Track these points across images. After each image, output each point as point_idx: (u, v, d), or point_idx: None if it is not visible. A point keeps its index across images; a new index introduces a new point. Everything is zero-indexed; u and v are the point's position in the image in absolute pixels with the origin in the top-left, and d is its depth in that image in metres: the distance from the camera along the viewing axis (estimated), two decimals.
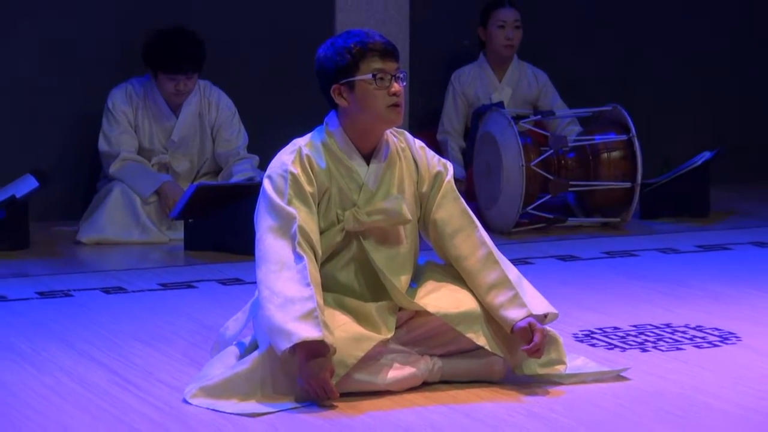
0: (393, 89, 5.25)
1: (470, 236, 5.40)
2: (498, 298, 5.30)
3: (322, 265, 5.33)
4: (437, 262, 5.55)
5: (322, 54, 5.37)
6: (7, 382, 5.48)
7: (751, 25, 9.77)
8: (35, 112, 8.50)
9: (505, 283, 5.31)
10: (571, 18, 9.34)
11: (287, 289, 5.10)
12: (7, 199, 7.81)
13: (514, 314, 5.25)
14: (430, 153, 5.49)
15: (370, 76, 5.24)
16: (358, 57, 5.25)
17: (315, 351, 5.03)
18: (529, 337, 5.18)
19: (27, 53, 8.45)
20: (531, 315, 5.23)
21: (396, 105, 5.26)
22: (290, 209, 5.21)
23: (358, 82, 5.26)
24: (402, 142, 5.46)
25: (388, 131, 5.40)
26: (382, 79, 5.25)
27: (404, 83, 5.33)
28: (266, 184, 5.30)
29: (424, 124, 8.88)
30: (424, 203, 5.45)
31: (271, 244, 5.22)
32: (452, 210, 5.42)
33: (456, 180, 5.59)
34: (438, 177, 5.44)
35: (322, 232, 5.32)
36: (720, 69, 9.71)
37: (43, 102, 8.50)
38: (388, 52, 5.29)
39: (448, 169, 5.47)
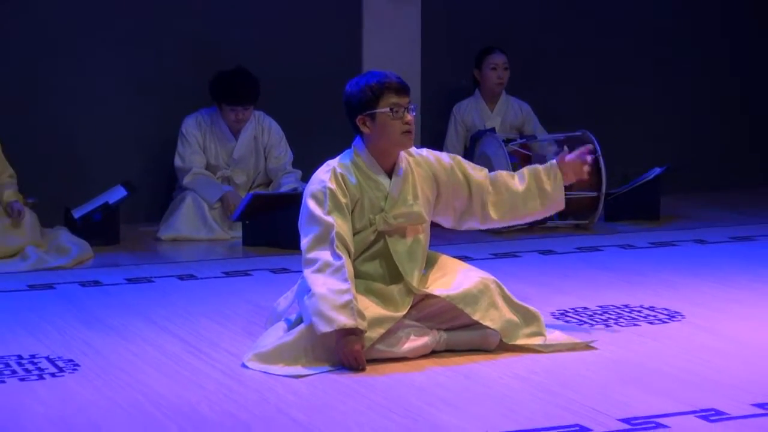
0: (406, 119, 5.32)
1: (502, 173, 5.66)
2: (535, 176, 5.72)
3: (355, 258, 5.36)
4: (444, 254, 5.58)
5: (349, 90, 5.42)
6: (102, 350, 5.50)
7: (695, 69, 9.73)
8: (125, 135, 8.50)
9: (534, 169, 5.71)
10: (548, 58, 9.31)
11: (329, 283, 5.16)
12: (102, 205, 7.83)
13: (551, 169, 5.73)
14: (436, 152, 5.62)
15: (387, 109, 5.30)
16: (378, 94, 5.31)
17: (349, 332, 5.10)
18: (580, 162, 5.76)
19: (119, 89, 8.45)
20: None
21: (408, 132, 5.34)
22: (329, 219, 5.26)
23: (378, 114, 5.30)
24: (411, 156, 5.50)
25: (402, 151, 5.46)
26: (397, 111, 5.31)
27: (415, 114, 5.40)
28: (308, 199, 5.36)
29: (432, 145, 8.85)
30: (442, 191, 5.53)
31: (315, 248, 5.28)
32: (479, 173, 5.62)
33: None
34: (455, 165, 5.59)
35: (357, 233, 5.39)
36: (673, 101, 9.66)
37: (130, 127, 8.50)
38: (402, 89, 5.36)
39: (456, 156, 5.66)
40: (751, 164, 9.90)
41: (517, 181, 5.63)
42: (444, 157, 5.58)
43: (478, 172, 5.59)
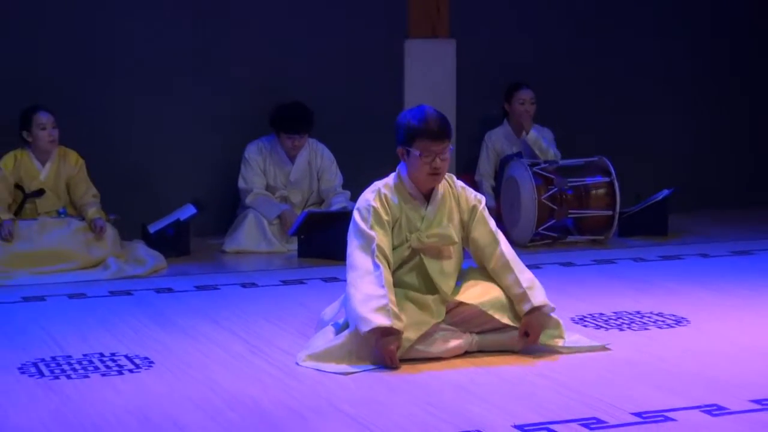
0: (434, 165, 5.30)
1: (494, 250, 5.46)
2: (512, 293, 5.38)
3: (395, 271, 5.39)
4: (475, 267, 5.58)
5: (398, 121, 5.44)
6: (174, 349, 5.53)
7: (703, 102, 9.70)
8: (195, 159, 8.52)
9: (516, 283, 5.37)
10: (569, 91, 9.29)
11: (368, 289, 5.17)
12: (174, 221, 7.86)
13: (523, 307, 5.34)
14: (469, 190, 5.53)
15: (418, 153, 5.27)
16: (414, 136, 5.30)
17: (386, 333, 5.12)
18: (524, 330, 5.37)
19: (191, 119, 8.48)
20: (532, 306, 5.32)
21: (434, 174, 5.32)
22: (371, 232, 5.27)
23: (411, 152, 5.30)
24: (450, 184, 5.48)
25: None
26: (427, 156, 5.28)
27: (448, 156, 5.35)
28: (355, 215, 5.37)
29: (467, 168, 8.87)
30: (465, 227, 5.49)
31: (358, 257, 5.28)
32: (483, 231, 5.48)
33: (489, 208, 5.62)
34: (474, 208, 5.49)
35: (395, 248, 5.39)
36: (680, 130, 9.63)
37: (200, 153, 8.53)
38: (439, 136, 5.31)
39: (480, 201, 5.52)
40: (750, 186, 9.85)
41: (507, 278, 5.41)
42: (472, 197, 5.53)
43: (485, 233, 5.47)
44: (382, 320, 5.11)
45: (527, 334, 5.35)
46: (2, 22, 8.04)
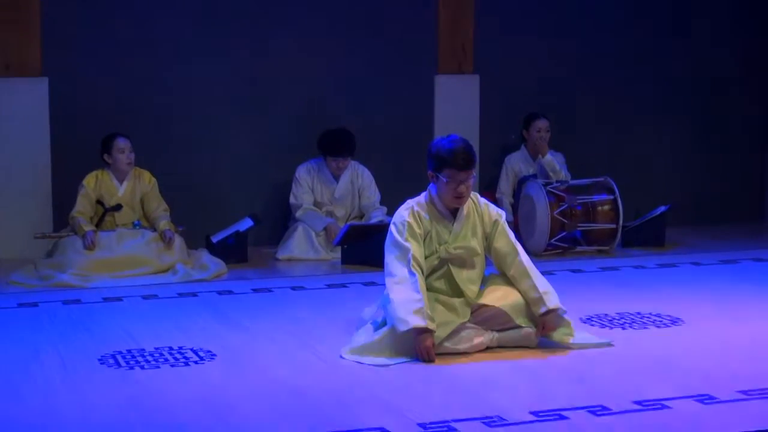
0: (459, 190, 5.31)
1: (514, 259, 5.46)
2: (529, 296, 5.38)
3: (426, 277, 5.39)
4: (496, 273, 5.57)
5: (430, 147, 5.47)
6: (233, 343, 5.54)
7: (697, 130, 9.68)
8: (252, 178, 8.55)
9: (533, 288, 5.38)
10: (579, 118, 9.28)
11: (405, 294, 5.19)
12: (234, 232, 7.89)
13: (539, 309, 5.35)
14: (492, 207, 5.54)
15: (446, 179, 5.28)
16: (443, 164, 5.31)
17: (421, 332, 5.13)
18: (540, 327, 5.36)
19: (249, 143, 8.51)
20: (547, 308, 5.33)
21: (458, 197, 5.33)
22: (407, 244, 5.29)
23: (440, 177, 5.31)
24: (474, 202, 5.48)
25: None
26: (453, 183, 5.29)
27: (472, 181, 5.35)
28: (392, 228, 5.39)
29: (488, 186, 8.87)
30: (487, 238, 5.49)
31: (396, 266, 5.29)
32: (503, 242, 5.48)
33: (508, 222, 5.63)
34: (495, 223, 5.49)
35: (426, 257, 5.39)
36: (676, 154, 9.60)
37: (256, 172, 8.55)
38: (464, 166, 5.31)
39: (501, 216, 5.53)
40: (736, 204, 9.81)
41: (524, 284, 5.40)
42: (493, 213, 5.51)
43: (504, 244, 5.46)
44: (418, 321, 5.12)
45: (543, 330, 5.36)
46: (91, 63, 8.09)
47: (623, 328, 5.84)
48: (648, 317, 6.09)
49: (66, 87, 8.02)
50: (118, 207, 7.63)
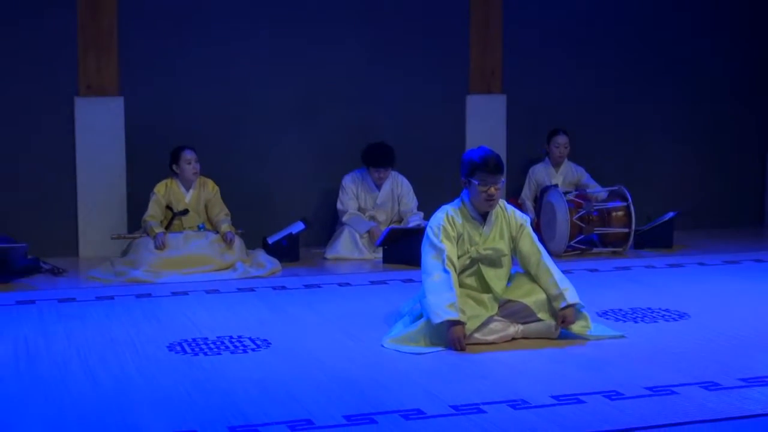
0: (489, 193, 5.31)
1: (537, 259, 5.45)
2: (551, 293, 5.36)
3: (459, 275, 5.39)
4: (521, 272, 5.55)
5: (463, 158, 5.48)
6: (286, 332, 5.55)
7: (704, 142, 9.61)
8: (304, 187, 8.55)
9: (554, 285, 5.36)
10: (597, 133, 9.22)
11: (440, 289, 5.20)
12: (287, 234, 7.89)
13: (560, 304, 5.33)
14: (518, 213, 5.53)
15: (477, 182, 5.27)
16: (475, 169, 5.32)
17: (454, 324, 5.13)
18: (560, 321, 5.33)
19: (301, 155, 8.52)
20: (567, 303, 5.30)
21: (489, 200, 5.33)
22: (442, 245, 5.30)
23: (472, 182, 5.31)
24: (502, 208, 5.48)
25: None
26: (484, 186, 5.28)
27: (500, 186, 5.35)
28: (429, 231, 5.40)
29: (514, 193, 8.83)
30: (514, 241, 5.48)
31: (432, 264, 5.30)
32: (527, 244, 5.47)
33: (532, 225, 5.62)
34: (521, 227, 5.49)
35: (459, 257, 5.39)
36: (684, 164, 9.52)
37: (308, 181, 8.56)
38: (494, 171, 5.32)
39: (526, 221, 5.52)
40: (738, 209, 9.72)
41: (546, 281, 5.38)
42: (519, 218, 5.49)
43: (529, 247, 5.44)
44: (451, 314, 5.12)
45: (563, 323, 5.33)
46: (160, 84, 8.14)
47: (635, 322, 5.80)
48: (657, 312, 6.05)
49: (139, 105, 8.07)
50: (185, 212, 7.67)
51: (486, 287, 5.43)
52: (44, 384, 4.60)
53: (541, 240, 6.27)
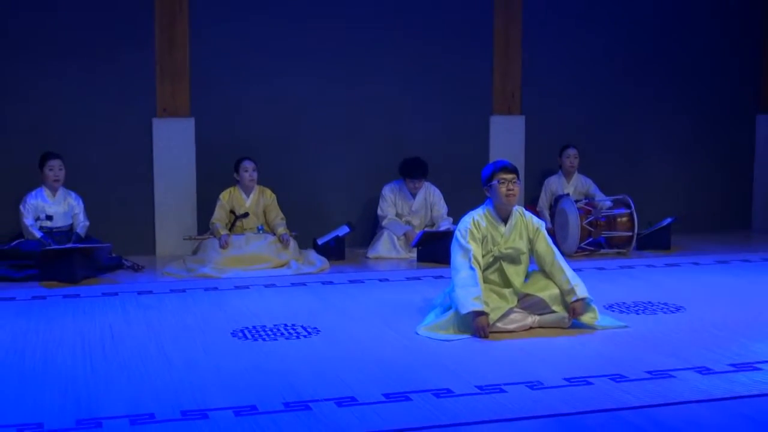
0: (508, 188, 5.30)
1: (551, 258, 5.43)
2: (563, 288, 5.33)
3: (483, 271, 5.38)
4: (537, 270, 5.53)
5: (483, 171, 5.45)
6: (334, 322, 5.54)
7: (694, 158, 9.53)
8: (349, 195, 8.56)
9: (566, 281, 5.33)
10: (604, 147, 9.17)
11: (466, 284, 5.19)
12: (335, 236, 7.89)
13: (570, 298, 5.30)
14: (535, 218, 5.52)
15: (496, 182, 5.27)
16: (494, 172, 5.34)
17: (478, 314, 5.12)
18: (572, 313, 5.30)
19: (348, 168, 8.53)
20: (577, 297, 5.28)
21: (508, 195, 5.32)
22: (468, 246, 5.29)
23: (493, 183, 5.30)
24: (521, 213, 5.47)
25: (514, 208, 5.42)
26: (503, 182, 5.28)
27: (517, 185, 5.34)
28: (457, 233, 5.39)
29: (532, 202, 8.79)
30: (531, 242, 5.46)
31: (459, 262, 5.29)
32: (543, 245, 5.46)
33: (547, 229, 5.60)
34: (537, 230, 5.47)
35: (483, 256, 5.38)
36: (680, 175, 9.46)
37: (352, 190, 8.56)
38: (509, 170, 5.34)
39: (542, 225, 5.50)
40: (728, 215, 9.63)
41: (559, 278, 5.34)
42: (535, 223, 5.47)
43: (544, 248, 5.41)
44: (476, 306, 5.11)
45: (573, 314, 5.31)
46: (226, 106, 8.19)
47: (637, 314, 5.76)
48: (657, 305, 6.01)
49: (207, 125, 8.12)
50: (245, 215, 7.70)
51: (507, 282, 5.42)
52: (126, 364, 4.64)
53: (555, 242, 6.24)
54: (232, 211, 7.72)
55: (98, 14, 7.84)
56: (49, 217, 7.28)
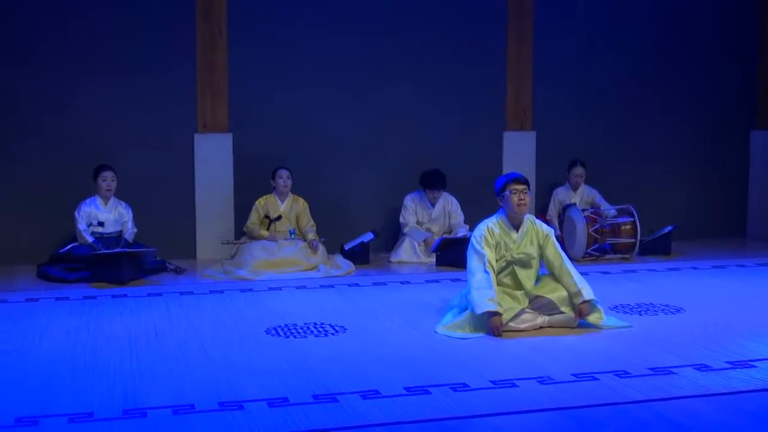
0: (519, 198, 5.28)
1: (560, 263, 5.40)
2: (571, 290, 5.30)
3: (497, 275, 5.36)
4: (547, 273, 5.49)
5: (496, 182, 5.43)
6: (359, 320, 5.51)
7: (698, 165, 9.46)
8: (374, 204, 8.53)
9: (573, 284, 5.30)
10: (609, 161, 9.12)
11: (482, 286, 5.16)
12: (360, 242, 7.88)
13: (577, 299, 5.26)
14: (544, 226, 5.49)
15: (508, 192, 5.25)
16: (506, 183, 5.32)
17: (492, 314, 5.09)
18: (578, 313, 5.26)
19: (371, 179, 8.52)
20: (584, 299, 5.24)
21: (520, 204, 5.29)
22: (483, 251, 5.27)
23: (505, 194, 5.27)
24: (532, 221, 5.44)
25: (525, 216, 5.39)
26: (514, 192, 5.26)
27: (528, 195, 5.32)
28: (473, 239, 5.37)
29: (542, 211, 8.74)
30: (541, 248, 5.42)
31: (475, 266, 5.27)
32: (552, 251, 5.43)
33: (556, 236, 5.57)
34: (546, 237, 5.43)
35: (497, 260, 5.35)
36: (681, 185, 9.38)
37: (376, 200, 8.53)
38: (520, 181, 5.32)
39: (551, 232, 5.47)
40: (725, 223, 9.54)
41: (567, 281, 5.30)
42: (545, 230, 5.42)
43: (553, 253, 5.36)
44: (490, 307, 5.08)
45: (580, 315, 5.26)
46: (261, 122, 8.21)
47: (640, 315, 5.72)
48: (658, 307, 5.95)
49: (244, 139, 8.14)
50: (278, 218, 7.72)
51: (519, 285, 5.38)
52: (168, 358, 4.65)
53: (563, 248, 6.21)
54: (267, 216, 7.74)
55: (145, 36, 7.88)
56: (101, 224, 7.32)
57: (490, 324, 5.10)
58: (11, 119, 7.68)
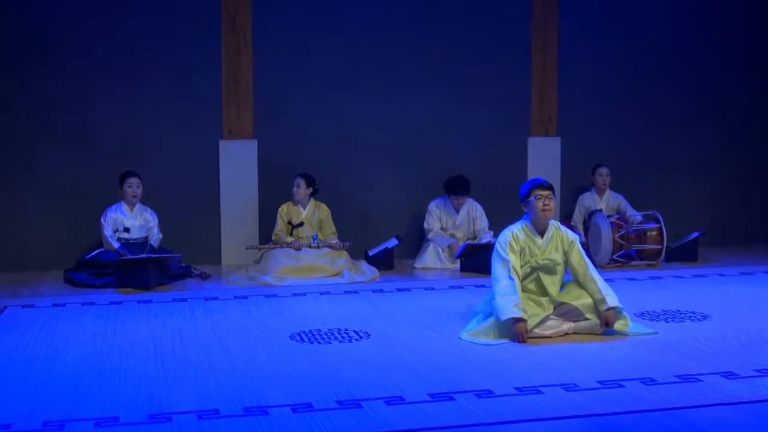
0: (543, 204, 5.26)
1: (584, 270, 5.37)
2: (596, 297, 5.27)
3: (521, 281, 5.33)
4: (572, 280, 5.47)
5: (521, 188, 5.40)
6: (383, 326, 5.51)
7: (721, 177, 9.39)
8: (398, 210, 8.57)
9: (598, 291, 5.26)
10: (633, 165, 9.08)
11: (506, 293, 5.14)
12: (384, 248, 7.88)
13: (602, 306, 5.23)
14: (569, 232, 5.45)
15: (533, 198, 5.23)
16: (531, 189, 5.30)
17: (517, 321, 5.07)
18: (604, 321, 5.22)
19: (395, 186, 8.54)
20: (608, 306, 5.20)
21: (544, 210, 5.27)
22: (508, 257, 5.24)
23: (530, 200, 5.25)
24: (557, 227, 5.41)
25: (550, 222, 5.37)
26: (539, 198, 5.23)
27: (553, 200, 5.30)
28: (498, 245, 5.35)
29: (567, 217, 8.72)
30: (566, 254, 5.40)
31: (500, 272, 5.25)
32: (577, 258, 5.39)
33: (581, 243, 5.54)
34: (571, 243, 5.40)
35: (521, 266, 5.33)
36: (708, 191, 9.32)
37: (401, 206, 8.56)
38: (545, 187, 5.30)
39: (576, 239, 5.44)
40: (752, 229, 9.46)
41: (592, 288, 5.26)
42: (570, 236, 5.40)
43: (578, 260, 5.33)
44: (515, 313, 5.07)
45: (606, 323, 5.23)
46: (285, 128, 8.24)
47: (666, 321, 5.67)
48: (685, 313, 5.91)
49: (268, 145, 8.18)
50: (300, 224, 7.74)
51: (543, 291, 5.36)
52: (193, 363, 4.67)
53: (589, 254, 6.18)
54: (289, 222, 7.77)
55: (171, 45, 7.95)
56: (127, 230, 7.37)
57: (514, 330, 5.09)
58: (38, 126, 7.77)
